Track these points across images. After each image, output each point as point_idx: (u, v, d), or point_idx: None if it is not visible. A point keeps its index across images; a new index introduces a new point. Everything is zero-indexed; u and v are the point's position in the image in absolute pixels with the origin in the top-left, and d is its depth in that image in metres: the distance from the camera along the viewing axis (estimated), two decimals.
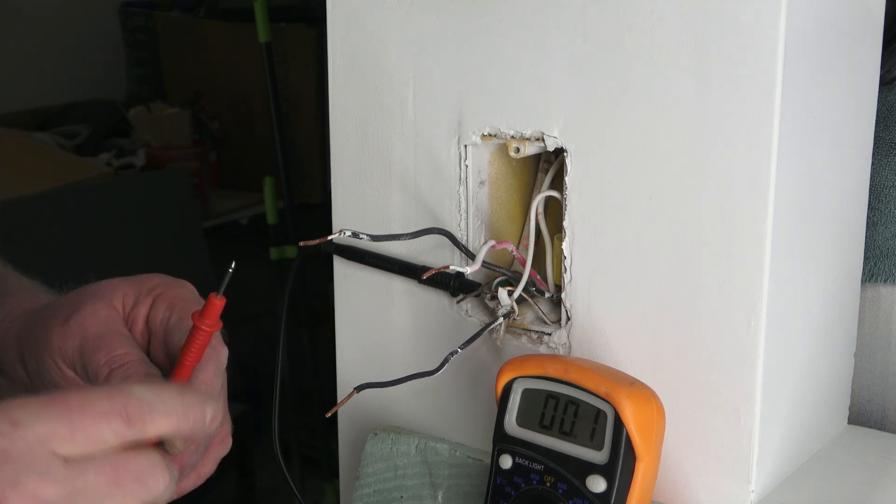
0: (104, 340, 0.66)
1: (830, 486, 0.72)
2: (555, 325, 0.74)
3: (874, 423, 0.83)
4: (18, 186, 2.20)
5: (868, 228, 0.79)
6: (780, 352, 0.68)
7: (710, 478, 0.69)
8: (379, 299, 0.82)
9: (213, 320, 0.63)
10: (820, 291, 0.73)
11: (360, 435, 0.83)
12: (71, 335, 0.67)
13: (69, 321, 0.67)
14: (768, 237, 0.64)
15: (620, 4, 0.67)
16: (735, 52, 0.63)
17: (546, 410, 0.66)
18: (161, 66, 2.90)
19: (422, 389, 0.80)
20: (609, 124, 0.69)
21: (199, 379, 0.65)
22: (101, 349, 0.66)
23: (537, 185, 0.79)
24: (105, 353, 0.65)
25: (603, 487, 0.63)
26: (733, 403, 0.67)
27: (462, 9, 0.73)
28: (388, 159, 0.79)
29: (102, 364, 0.65)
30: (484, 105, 0.74)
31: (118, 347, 0.66)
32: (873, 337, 0.83)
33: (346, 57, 0.80)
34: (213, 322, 0.63)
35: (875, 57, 0.75)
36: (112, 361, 0.65)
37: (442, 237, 0.76)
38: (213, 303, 0.63)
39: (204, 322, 0.63)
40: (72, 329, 0.67)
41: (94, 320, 0.67)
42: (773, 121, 0.63)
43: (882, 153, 0.82)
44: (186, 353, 0.63)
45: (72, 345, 0.67)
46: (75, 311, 0.68)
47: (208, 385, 0.65)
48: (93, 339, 0.66)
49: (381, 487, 0.79)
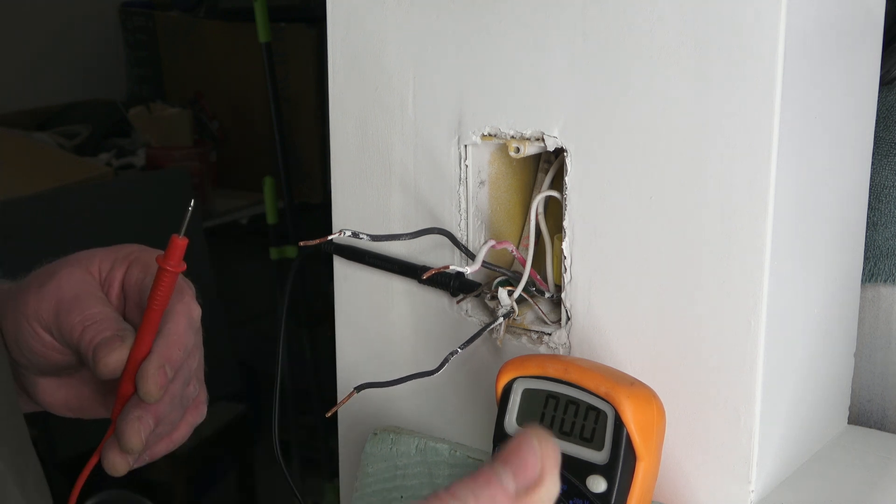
0: (78, 301, 0.67)
1: (830, 486, 0.72)
2: (555, 325, 0.74)
3: (874, 423, 0.83)
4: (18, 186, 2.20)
5: (868, 228, 0.79)
6: (780, 352, 0.68)
7: (710, 478, 0.69)
8: (379, 299, 0.82)
9: (177, 261, 0.63)
10: (820, 291, 0.73)
11: (360, 435, 0.83)
12: (46, 298, 0.67)
13: (45, 286, 0.68)
14: (768, 237, 0.64)
15: (620, 4, 0.67)
16: (735, 52, 0.63)
17: (546, 410, 0.66)
18: (161, 66, 2.91)
19: (422, 389, 0.80)
20: (609, 124, 0.69)
21: (169, 329, 0.65)
22: (74, 309, 0.66)
23: (537, 185, 0.79)
24: (78, 313, 0.66)
25: (603, 487, 0.63)
26: (733, 403, 0.67)
27: (462, 9, 0.73)
28: (388, 159, 0.79)
29: (76, 323, 0.66)
30: (484, 105, 0.74)
31: (91, 307, 0.66)
32: (873, 337, 0.83)
33: (346, 57, 0.80)
34: (176, 262, 0.63)
35: (875, 57, 0.75)
36: (85, 319, 0.66)
37: (442, 237, 0.76)
38: (176, 243, 0.63)
39: (168, 262, 0.63)
40: (48, 292, 0.68)
41: (69, 283, 0.68)
42: (773, 121, 0.63)
43: (882, 153, 0.82)
44: (153, 295, 0.63)
45: (47, 307, 0.67)
46: (51, 277, 0.68)
47: (179, 336, 0.65)
48: (67, 300, 0.67)
49: (381, 487, 0.79)
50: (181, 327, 0.65)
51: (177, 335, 0.65)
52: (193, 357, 0.68)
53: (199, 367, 0.70)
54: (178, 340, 0.65)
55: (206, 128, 2.77)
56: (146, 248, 0.71)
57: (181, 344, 0.65)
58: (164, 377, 0.64)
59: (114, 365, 0.64)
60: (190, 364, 0.67)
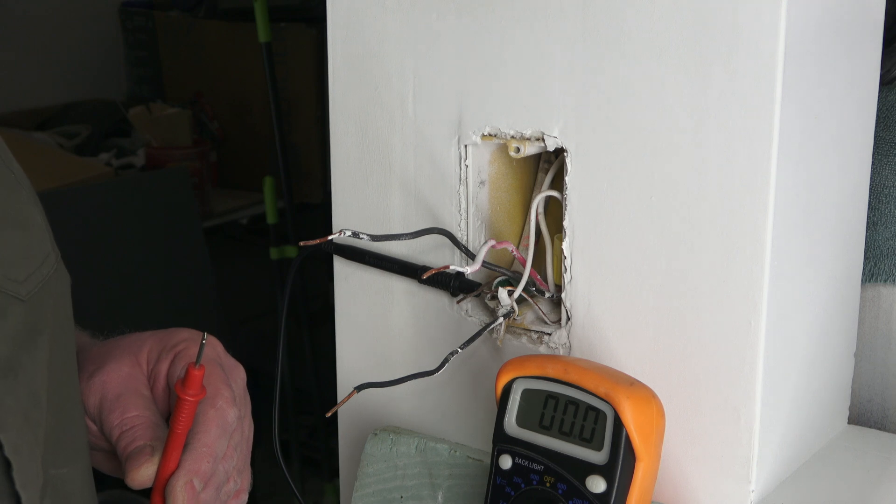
0: (120, 401, 0.68)
1: (830, 486, 0.72)
2: (555, 325, 0.74)
3: (874, 423, 0.83)
4: None
5: (868, 228, 0.79)
6: (780, 352, 0.68)
7: (710, 478, 0.69)
8: (379, 299, 0.82)
9: (196, 389, 0.65)
10: (820, 291, 0.73)
11: (360, 435, 0.83)
12: (93, 392, 0.69)
13: (93, 377, 0.69)
14: (768, 237, 0.64)
15: (620, 4, 0.67)
16: (735, 52, 0.63)
17: (546, 411, 0.66)
18: (161, 66, 2.90)
19: (422, 389, 0.80)
20: (609, 124, 0.69)
21: (201, 441, 0.66)
22: (115, 409, 0.68)
23: (537, 185, 0.79)
24: (119, 414, 0.67)
25: (603, 488, 0.63)
26: (733, 403, 0.67)
27: (462, 9, 0.73)
28: (388, 159, 0.79)
29: (115, 425, 0.67)
30: (484, 105, 0.74)
31: (131, 409, 0.68)
32: (873, 337, 0.83)
33: (346, 57, 0.80)
34: (195, 391, 0.65)
35: (875, 57, 0.75)
36: (123, 423, 0.67)
37: (442, 237, 0.76)
38: (192, 374, 0.65)
39: (187, 392, 0.65)
40: (94, 386, 0.69)
41: (115, 378, 0.69)
42: (773, 121, 0.63)
43: (882, 153, 0.82)
44: (174, 422, 0.65)
45: (93, 402, 0.69)
46: (99, 368, 0.70)
47: (209, 447, 0.66)
48: (111, 398, 0.68)
49: (381, 487, 0.79)
50: (211, 437, 0.66)
51: (206, 446, 0.66)
52: (230, 458, 0.68)
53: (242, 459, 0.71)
54: (208, 452, 0.66)
55: (206, 128, 2.77)
56: (193, 338, 0.72)
57: (210, 455, 0.66)
58: (193, 491, 0.65)
59: (141, 479, 0.65)
60: (225, 466, 0.68)
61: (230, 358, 0.73)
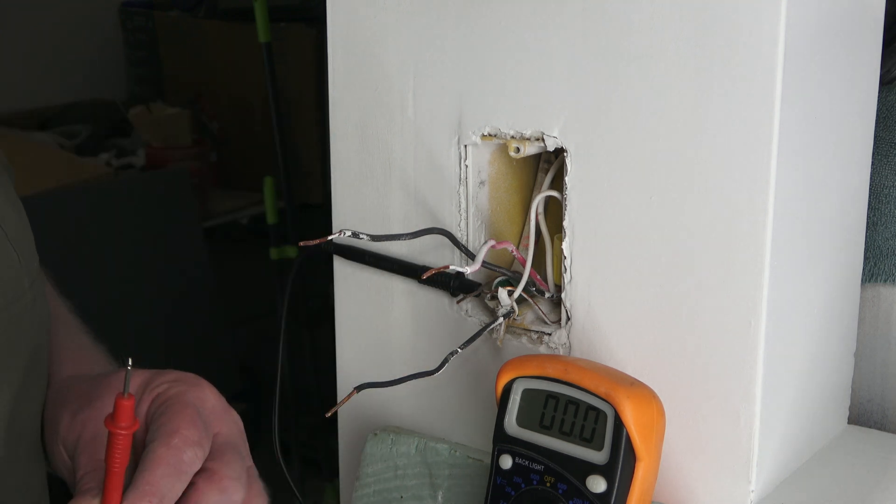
0: (94, 442, 0.66)
1: (830, 486, 0.72)
2: (555, 325, 0.74)
3: (874, 423, 0.83)
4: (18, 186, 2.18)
5: (868, 228, 0.79)
6: (780, 352, 0.68)
7: (710, 478, 0.69)
8: (379, 299, 0.82)
9: (127, 421, 0.60)
10: (820, 291, 0.73)
11: (360, 435, 0.83)
12: (75, 428, 0.68)
13: (76, 416, 0.68)
14: (768, 237, 0.64)
15: (620, 4, 0.67)
16: (735, 51, 0.63)
17: (546, 410, 0.66)
18: (161, 66, 2.90)
19: (422, 389, 0.80)
20: (609, 124, 0.69)
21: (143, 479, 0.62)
22: (86, 451, 0.66)
23: (537, 185, 0.79)
24: (87, 457, 0.66)
25: (603, 488, 0.63)
26: (733, 403, 0.67)
27: (462, 9, 0.73)
28: (388, 159, 0.79)
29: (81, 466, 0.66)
30: (484, 105, 0.74)
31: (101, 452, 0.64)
32: (873, 337, 0.83)
33: (346, 57, 0.80)
34: (126, 423, 0.60)
35: (875, 57, 0.75)
36: (87, 465, 0.65)
37: (442, 237, 0.76)
38: (121, 404, 0.59)
39: (117, 425, 0.60)
40: (76, 425, 0.68)
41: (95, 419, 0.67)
42: (773, 121, 0.63)
43: (882, 153, 0.82)
44: (107, 458, 0.61)
45: (72, 439, 0.68)
46: (84, 406, 0.69)
47: (153, 486, 0.62)
48: (87, 439, 0.67)
49: (381, 487, 0.79)
50: (155, 476, 0.62)
51: (149, 484, 0.62)
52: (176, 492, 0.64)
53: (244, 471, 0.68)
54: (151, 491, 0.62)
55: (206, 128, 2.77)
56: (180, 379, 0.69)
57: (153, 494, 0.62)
58: None
59: None
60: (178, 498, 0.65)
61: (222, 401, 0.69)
